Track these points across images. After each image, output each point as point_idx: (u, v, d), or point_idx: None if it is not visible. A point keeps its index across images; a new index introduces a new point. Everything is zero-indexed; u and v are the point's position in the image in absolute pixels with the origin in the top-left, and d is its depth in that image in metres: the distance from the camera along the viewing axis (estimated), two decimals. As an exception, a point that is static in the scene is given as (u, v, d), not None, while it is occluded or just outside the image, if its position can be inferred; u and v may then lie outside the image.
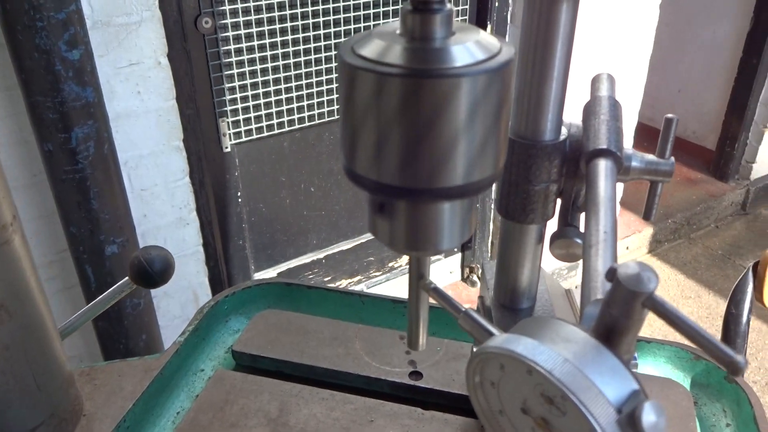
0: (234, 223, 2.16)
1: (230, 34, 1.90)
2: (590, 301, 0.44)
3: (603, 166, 0.53)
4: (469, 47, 0.37)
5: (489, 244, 2.63)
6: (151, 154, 1.79)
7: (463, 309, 0.44)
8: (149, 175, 1.81)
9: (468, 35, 0.38)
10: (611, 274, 0.36)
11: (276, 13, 1.93)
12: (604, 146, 0.54)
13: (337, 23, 2.03)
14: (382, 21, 2.12)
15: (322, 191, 2.31)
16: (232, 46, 1.91)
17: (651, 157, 0.58)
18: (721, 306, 2.75)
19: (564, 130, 0.56)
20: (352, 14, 2.05)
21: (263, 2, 1.90)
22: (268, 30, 1.94)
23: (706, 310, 2.74)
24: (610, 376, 0.35)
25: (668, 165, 0.58)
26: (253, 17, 1.91)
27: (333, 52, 2.08)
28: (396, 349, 0.77)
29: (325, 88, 2.12)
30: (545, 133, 0.55)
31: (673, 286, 2.90)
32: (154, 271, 0.85)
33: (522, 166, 0.55)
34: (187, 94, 1.81)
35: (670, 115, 0.57)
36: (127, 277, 0.85)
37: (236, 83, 1.96)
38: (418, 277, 0.46)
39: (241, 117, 2.02)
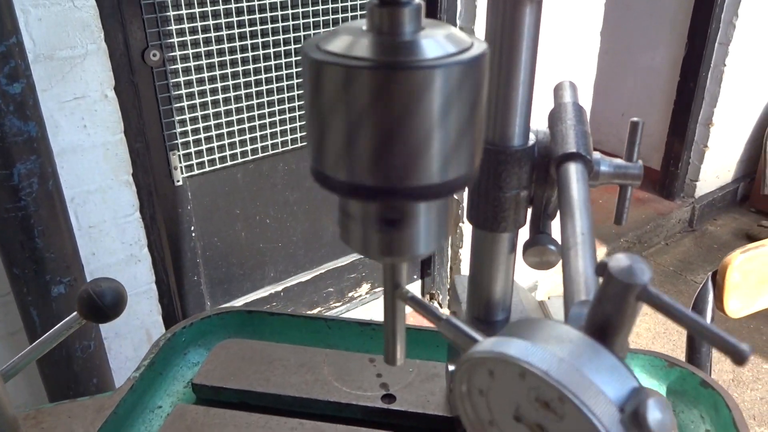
0: (188, 258, 2.10)
1: (179, 66, 1.87)
2: (574, 303, 0.42)
3: (574, 169, 0.52)
4: (440, 41, 0.36)
5: (448, 269, 2.62)
6: (99, 189, 1.73)
7: (444, 316, 0.42)
8: (97, 211, 1.75)
9: (438, 30, 0.37)
10: (602, 268, 0.34)
11: (225, 45, 1.91)
12: (574, 150, 0.53)
13: (288, 54, 2.03)
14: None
15: (278, 223, 2.27)
16: (181, 79, 1.88)
17: (619, 161, 0.58)
18: (677, 322, 2.79)
19: (532, 136, 0.55)
20: (292, 33, 2.05)
21: (212, 34, 1.88)
22: (218, 62, 1.91)
23: (663, 326, 2.78)
24: (608, 374, 0.33)
25: (636, 168, 0.57)
26: (202, 49, 1.88)
27: (285, 83, 2.06)
28: (366, 373, 0.74)
29: (278, 118, 2.10)
30: (513, 138, 0.54)
31: (629, 304, 2.93)
32: (105, 304, 0.80)
33: (492, 173, 0.54)
34: (135, 128, 1.77)
35: (635, 119, 0.57)
36: (75, 312, 0.80)
37: (187, 116, 1.92)
38: (393, 286, 0.44)
39: (192, 150, 1.98)
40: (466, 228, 2.49)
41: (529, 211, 0.58)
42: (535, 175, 0.56)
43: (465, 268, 2.58)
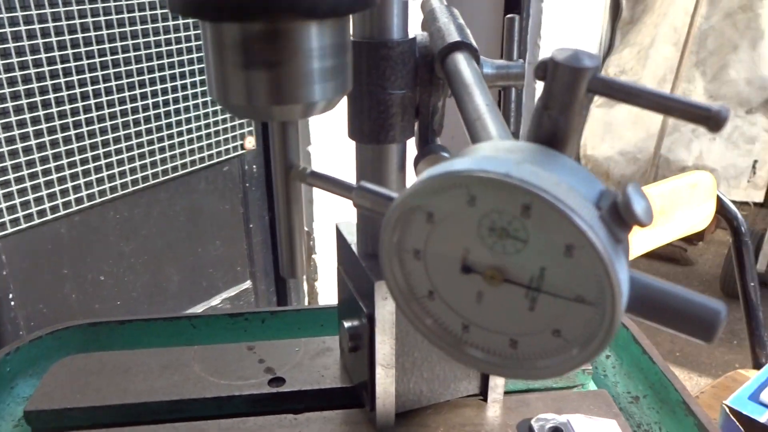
0: (8, 331, 1.81)
1: (-22, 110, 1.63)
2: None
3: (461, 57, 0.48)
4: None
5: (306, 304, 2.51)
6: None
7: (356, 184, 0.34)
8: None
9: None
10: (542, 68, 0.29)
11: (35, 84, 1.71)
12: (457, 39, 0.49)
13: (109, 91, 1.86)
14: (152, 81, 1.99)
15: (113, 278, 2.04)
16: (-18, 124, 1.65)
17: (501, 61, 0.54)
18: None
19: (411, 33, 0.50)
20: (125, 78, 1.90)
21: (18, 73, 1.67)
22: (27, 104, 1.70)
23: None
24: (571, 175, 0.27)
25: (519, 67, 0.54)
26: (6, 90, 1.67)
27: (108, 122, 1.88)
28: (247, 361, 0.63)
29: (103, 162, 1.91)
30: (393, 30, 0.48)
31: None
32: None
33: (374, 73, 0.48)
34: (-72, 182, 1.51)
35: (510, 15, 0.54)
36: None
37: (-7, 166, 1.68)
38: (286, 168, 0.35)
39: (3, 205, 1.73)
40: (321, 258, 2.41)
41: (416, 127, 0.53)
42: (419, 78, 0.50)
43: (323, 301, 2.48)
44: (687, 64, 3.20)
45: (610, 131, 3.49)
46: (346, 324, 0.56)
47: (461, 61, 0.47)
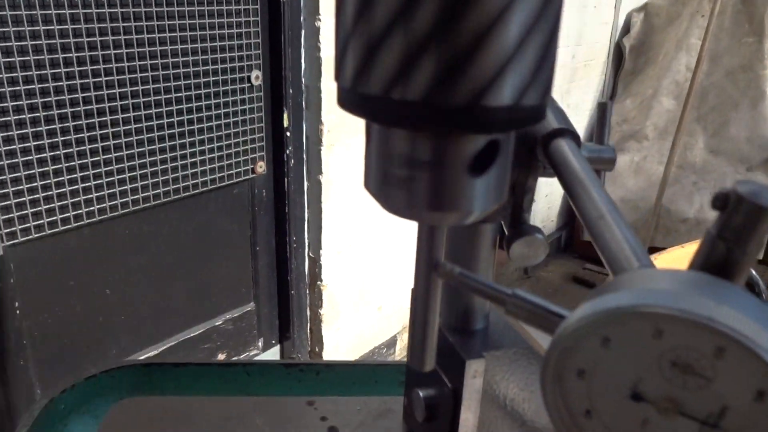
0: (11, 339, 1.79)
1: (-3, 118, 1.62)
2: (626, 272, 0.37)
3: (565, 145, 0.48)
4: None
5: (308, 331, 2.50)
6: None
7: (510, 292, 0.35)
8: None
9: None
10: (722, 198, 0.29)
11: (53, 98, 1.70)
12: (560, 126, 0.50)
13: (124, 96, 1.84)
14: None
15: (120, 293, 2.02)
16: (-2, 133, 1.63)
17: (592, 144, 0.55)
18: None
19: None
20: (141, 97, 1.89)
21: (36, 86, 1.66)
22: (44, 116, 1.69)
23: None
24: (759, 315, 0.28)
25: (610, 151, 0.55)
26: (24, 102, 1.65)
27: (122, 127, 1.86)
28: (309, 417, 0.63)
29: (116, 177, 1.90)
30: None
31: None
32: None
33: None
34: (-59, 189, 1.50)
35: (603, 101, 0.55)
36: None
37: (7, 176, 1.66)
38: (430, 265, 0.35)
39: (15, 214, 1.71)
40: (327, 289, 2.40)
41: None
42: (517, 159, 0.51)
43: (326, 328, 2.47)
44: (688, 118, 3.25)
45: (611, 178, 3.53)
46: (422, 393, 0.56)
47: (567, 150, 0.48)
